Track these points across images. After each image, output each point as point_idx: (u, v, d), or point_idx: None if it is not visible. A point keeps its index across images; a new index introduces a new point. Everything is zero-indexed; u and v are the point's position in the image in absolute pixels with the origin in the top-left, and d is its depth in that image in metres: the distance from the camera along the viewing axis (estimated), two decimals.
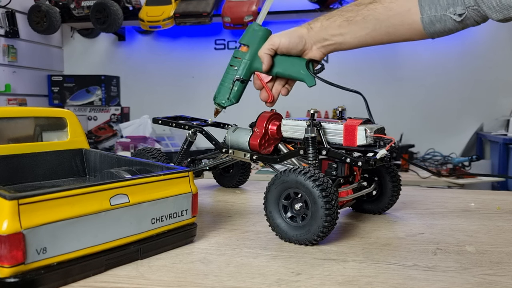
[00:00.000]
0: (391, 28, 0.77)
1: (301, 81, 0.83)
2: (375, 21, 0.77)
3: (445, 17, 0.73)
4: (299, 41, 0.81)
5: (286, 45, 0.81)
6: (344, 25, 0.79)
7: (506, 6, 0.68)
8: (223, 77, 0.88)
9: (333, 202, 0.63)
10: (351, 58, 2.87)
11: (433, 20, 0.74)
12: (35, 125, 0.77)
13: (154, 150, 0.93)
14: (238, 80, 0.85)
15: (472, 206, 0.93)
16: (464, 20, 0.72)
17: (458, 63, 2.80)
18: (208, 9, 2.76)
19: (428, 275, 0.56)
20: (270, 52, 0.82)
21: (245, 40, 0.86)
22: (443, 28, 0.75)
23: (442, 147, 2.74)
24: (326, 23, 0.80)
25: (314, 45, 0.82)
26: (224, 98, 0.87)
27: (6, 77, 2.88)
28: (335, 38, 0.80)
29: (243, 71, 0.85)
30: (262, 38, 0.85)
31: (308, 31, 0.81)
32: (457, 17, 0.72)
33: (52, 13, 2.86)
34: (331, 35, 0.80)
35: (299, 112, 2.73)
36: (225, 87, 0.87)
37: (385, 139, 0.75)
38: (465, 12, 0.71)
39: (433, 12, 0.73)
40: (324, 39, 0.81)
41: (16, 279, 0.46)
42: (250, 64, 0.85)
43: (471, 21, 0.73)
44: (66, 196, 0.50)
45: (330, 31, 0.80)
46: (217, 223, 0.77)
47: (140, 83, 3.30)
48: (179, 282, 0.53)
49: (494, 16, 0.70)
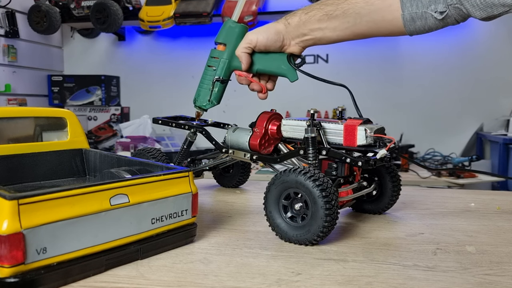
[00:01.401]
0: (372, 23, 0.76)
1: (283, 76, 0.82)
2: (355, 15, 0.76)
3: (426, 14, 0.72)
4: (277, 37, 0.79)
5: (264, 43, 0.79)
6: (324, 20, 0.77)
7: (490, 4, 0.68)
8: (202, 79, 0.86)
9: (333, 202, 0.63)
10: (351, 58, 2.87)
11: (414, 17, 0.73)
12: (35, 125, 0.77)
13: (154, 150, 0.93)
14: (218, 80, 0.83)
15: (472, 206, 0.93)
16: (445, 18, 0.72)
17: (458, 63, 2.80)
18: (208, 9, 2.76)
19: (428, 275, 0.56)
20: (248, 51, 0.80)
21: (221, 39, 0.84)
22: (423, 25, 0.74)
23: (442, 147, 2.74)
24: (305, 17, 0.79)
25: (293, 40, 0.80)
26: (205, 101, 0.85)
27: (6, 77, 2.88)
28: (314, 33, 0.78)
29: (222, 71, 0.83)
30: (238, 35, 0.82)
31: (286, 26, 0.79)
32: (438, 15, 0.72)
33: (52, 13, 2.86)
34: (310, 30, 0.78)
35: (299, 112, 2.73)
36: (205, 89, 0.85)
37: (385, 139, 0.75)
38: (446, 10, 0.71)
39: (414, 9, 0.73)
40: (303, 34, 0.79)
41: (16, 279, 0.46)
42: (229, 63, 0.83)
43: (451, 19, 0.72)
44: (66, 196, 0.50)
45: (309, 25, 0.78)
46: (217, 223, 0.77)
47: (140, 83, 3.30)
48: (179, 282, 0.53)
49: (477, 14, 0.70)
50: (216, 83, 0.83)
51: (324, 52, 2.97)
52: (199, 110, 0.88)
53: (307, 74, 0.80)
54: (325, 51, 2.97)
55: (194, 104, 0.87)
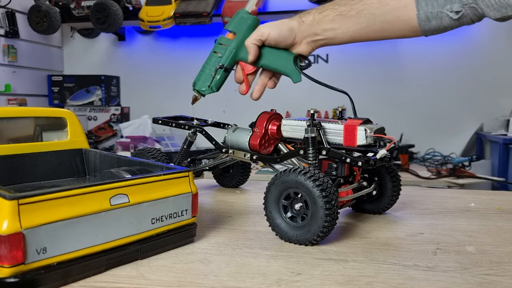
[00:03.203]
0: (385, 23, 0.76)
1: (286, 75, 0.81)
2: (369, 16, 0.75)
3: (442, 14, 0.72)
4: (289, 34, 0.79)
5: (275, 38, 0.79)
6: (337, 20, 0.77)
7: (505, 5, 0.68)
8: (205, 63, 0.85)
9: (333, 202, 0.63)
10: (351, 58, 2.87)
11: (429, 17, 0.73)
12: (35, 125, 0.77)
13: (154, 150, 0.93)
14: (222, 68, 0.82)
15: (472, 206, 0.93)
16: (460, 18, 0.72)
17: (458, 63, 2.80)
18: (208, 9, 2.76)
19: (428, 275, 0.56)
20: (258, 43, 0.80)
21: (231, 27, 0.83)
22: (439, 25, 0.74)
23: (442, 147, 2.74)
24: (318, 16, 0.78)
25: (304, 39, 0.80)
26: (205, 86, 0.84)
27: (6, 77, 2.88)
28: (327, 33, 0.78)
29: (228, 60, 0.82)
30: (250, 26, 0.82)
31: (299, 24, 0.79)
32: (453, 15, 0.71)
33: (52, 13, 2.86)
34: (323, 30, 0.78)
35: (299, 112, 2.73)
36: (207, 74, 0.84)
37: (385, 139, 0.75)
38: (462, 9, 0.71)
39: (429, 8, 0.73)
40: (315, 33, 0.79)
41: (16, 279, 0.46)
42: (235, 52, 0.82)
43: (467, 19, 0.72)
44: (66, 196, 0.50)
45: (322, 25, 0.78)
46: (217, 223, 0.77)
47: (140, 83, 3.30)
48: (179, 282, 0.53)
49: (492, 15, 0.70)
50: (219, 70, 0.82)
51: (324, 52, 2.96)
52: (197, 94, 0.86)
53: (310, 78, 0.80)
54: (325, 51, 2.97)
55: (193, 87, 0.86)
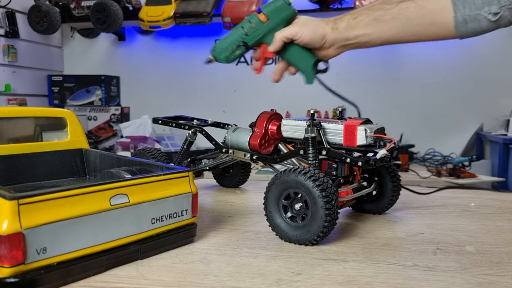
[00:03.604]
0: (421, 27, 0.75)
1: (301, 74, 0.82)
2: (405, 20, 0.74)
3: (480, 16, 0.71)
4: (320, 40, 0.79)
5: (306, 41, 0.79)
6: (372, 25, 0.76)
7: None
8: (230, 34, 0.85)
9: (333, 202, 0.63)
10: (351, 58, 2.85)
11: (466, 19, 0.72)
12: (35, 125, 0.77)
13: (154, 150, 0.93)
14: (244, 45, 0.82)
15: (472, 206, 0.93)
16: (498, 20, 0.71)
17: (458, 63, 2.80)
18: (208, 9, 2.75)
19: (428, 275, 0.56)
20: (287, 40, 0.80)
21: (267, 11, 0.82)
22: (475, 27, 0.73)
23: (442, 147, 2.74)
24: (353, 22, 0.77)
25: (333, 45, 0.80)
26: (222, 55, 0.84)
27: (6, 77, 2.88)
28: (359, 38, 0.78)
29: (253, 40, 0.82)
30: (286, 18, 0.81)
31: (333, 31, 0.78)
32: (492, 17, 0.70)
33: (52, 13, 2.86)
34: (356, 36, 0.78)
35: (299, 112, 2.72)
36: (228, 44, 0.84)
37: (385, 139, 0.75)
38: (500, 11, 0.70)
39: (467, 11, 0.71)
40: (347, 38, 0.78)
41: (16, 279, 0.46)
42: (262, 36, 0.82)
43: (505, 21, 0.71)
44: (66, 196, 0.50)
45: (356, 31, 0.77)
46: (217, 223, 0.77)
47: (140, 83, 3.29)
48: (179, 282, 0.53)
49: None
50: (241, 46, 0.83)
51: None
52: (212, 58, 0.86)
53: (323, 84, 0.81)
54: None
55: (211, 51, 0.86)
